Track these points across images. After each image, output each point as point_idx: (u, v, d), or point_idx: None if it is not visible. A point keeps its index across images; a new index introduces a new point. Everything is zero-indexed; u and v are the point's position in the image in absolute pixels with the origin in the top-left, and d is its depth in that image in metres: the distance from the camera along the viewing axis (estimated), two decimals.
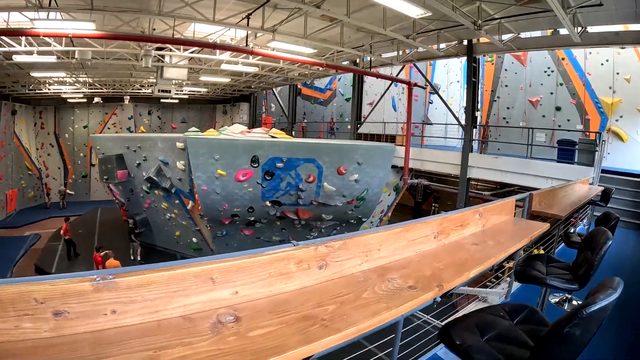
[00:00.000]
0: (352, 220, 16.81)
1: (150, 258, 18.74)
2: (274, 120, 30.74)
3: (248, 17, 13.16)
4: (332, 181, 15.17)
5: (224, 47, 15.26)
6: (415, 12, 10.11)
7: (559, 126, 17.91)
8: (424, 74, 21.03)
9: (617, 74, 16.72)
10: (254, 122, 32.66)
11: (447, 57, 17.82)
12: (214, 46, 14.17)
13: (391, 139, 19.11)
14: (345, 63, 20.39)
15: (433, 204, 24.15)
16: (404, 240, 2.97)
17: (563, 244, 6.25)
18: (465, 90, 18.46)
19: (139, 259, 18.12)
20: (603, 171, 12.60)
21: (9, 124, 26.85)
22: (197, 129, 18.51)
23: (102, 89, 28.18)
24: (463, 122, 16.46)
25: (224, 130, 17.13)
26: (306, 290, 2.28)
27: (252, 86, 29.48)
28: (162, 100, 32.60)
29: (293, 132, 26.63)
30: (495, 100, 20.91)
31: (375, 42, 16.58)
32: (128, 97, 28.21)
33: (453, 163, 16.30)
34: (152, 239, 20.24)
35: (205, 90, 30.88)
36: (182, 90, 30.60)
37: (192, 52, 17.26)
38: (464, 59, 17.38)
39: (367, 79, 22.94)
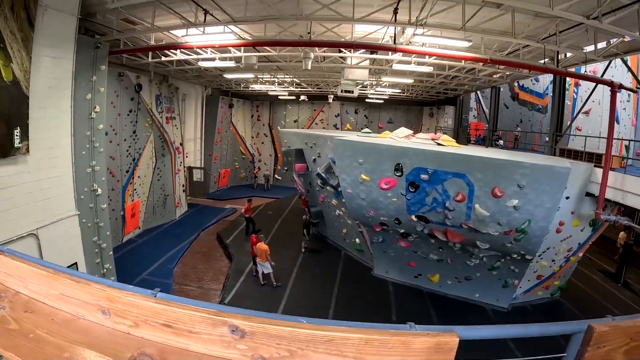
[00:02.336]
0: (516, 255, 13.83)
1: (320, 250, 19.97)
2: (487, 126, 27.64)
3: (396, 11, 11.95)
4: (486, 204, 12.63)
5: (362, 45, 14.23)
6: None
7: None
8: (634, 73, 15.80)
9: None
10: (459, 127, 30.53)
11: None
12: (351, 45, 13.53)
13: (596, 158, 15.06)
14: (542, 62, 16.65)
15: None
16: None
17: None
18: None
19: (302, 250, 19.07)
20: None
21: (226, 115, 33.17)
22: (369, 130, 18.06)
23: (308, 87, 30.37)
24: None
25: (392, 134, 16.16)
26: None
27: (453, 89, 27.49)
28: (367, 100, 33.53)
29: (501, 142, 23.51)
30: None
31: (563, 30, 13.19)
32: (332, 96, 29.18)
33: None
34: (325, 231, 21.03)
35: (398, 91, 30.41)
36: (377, 92, 30.78)
37: (364, 53, 16.97)
38: None
39: (583, 82, 18.60)
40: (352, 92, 20.06)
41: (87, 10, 12.34)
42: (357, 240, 18.01)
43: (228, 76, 22.72)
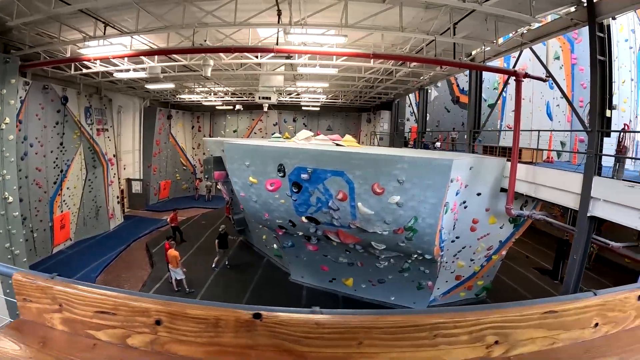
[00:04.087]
0: (416, 256, 13.10)
1: (246, 256, 19.88)
2: (428, 130, 26.85)
3: (279, 13, 11.82)
4: (368, 202, 11.88)
5: (242, 49, 14.49)
6: None
7: None
8: (542, 61, 14.99)
9: None
10: (395, 131, 29.90)
11: (565, 29, 12.40)
12: (231, 50, 13.74)
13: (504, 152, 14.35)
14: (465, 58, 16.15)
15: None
16: None
17: None
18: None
19: (213, 266, 18.17)
20: None
21: (165, 126, 33.01)
22: (279, 135, 17.73)
23: (243, 97, 30.38)
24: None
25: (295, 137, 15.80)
26: None
27: (385, 93, 27.35)
28: (304, 108, 33.58)
29: (438, 144, 22.90)
30: None
31: (459, 21, 12.72)
32: (267, 105, 28.56)
33: (571, 191, 11.31)
34: (251, 238, 20.64)
35: (323, 97, 30.30)
36: (313, 98, 30.57)
37: (273, 58, 16.85)
38: None
39: (511, 79, 18.02)
40: (270, 98, 19.76)
41: None
42: (275, 245, 17.42)
43: (150, 87, 22.36)
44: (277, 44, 13.59)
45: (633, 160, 15.33)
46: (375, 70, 19.01)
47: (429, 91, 25.86)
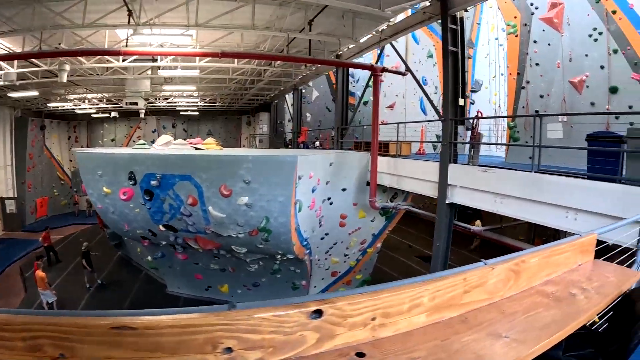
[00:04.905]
0: (280, 256, 12.92)
1: (124, 271, 19.02)
2: (310, 129, 26.64)
3: (130, 14, 11.23)
4: (219, 205, 11.52)
5: (88, 52, 14.25)
6: None
7: (617, 118, 11.42)
8: (401, 56, 15.45)
9: None
10: (274, 133, 29.86)
11: (421, 23, 12.71)
12: (77, 53, 13.29)
13: (384, 147, 14.45)
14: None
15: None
16: None
17: None
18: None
19: (87, 286, 17.08)
20: None
21: (38, 138, 30.04)
22: (144, 142, 16.99)
23: (118, 103, 28.47)
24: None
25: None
26: None
27: (262, 95, 27.64)
28: (182, 113, 32.52)
29: (317, 143, 23.00)
30: (523, 87, 14.46)
31: (315, 19, 12.81)
32: (143, 111, 27.32)
33: (430, 180, 11.54)
34: (128, 252, 19.59)
35: (198, 101, 29.96)
36: (190, 103, 30.19)
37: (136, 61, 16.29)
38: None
39: (386, 78, 18.39)
40: (137, 103, 19.00)
41: None
42: (149, 257, 16.63)
43: (14, 95, 20.87)
44: (126, 45, 13.10)
45: (497, 146, 16.04)
46: (244, 71, 18.79)
47: (312, 91, 25.90)
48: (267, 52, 15.27)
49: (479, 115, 13.19)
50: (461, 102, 11.10)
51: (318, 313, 1.60)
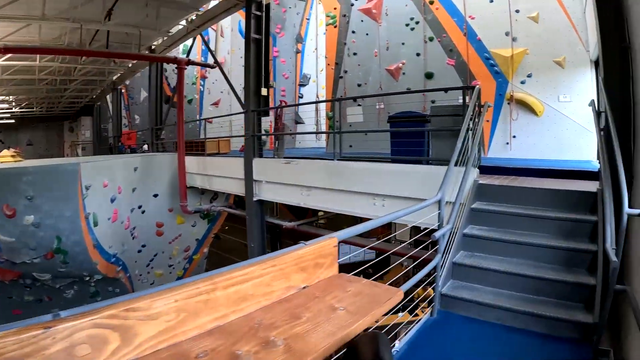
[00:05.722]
0: (87, 278, 11.32)
1: None
2: (139, 133, 23.50)
3: None
4: (6, 228, 9.61)
5: None
6: None
7: (433, 102, 11.32)
8: (211, 50, 14.66)
9: (517, 11, 10.89)
10: (98, 138, 27.17)
11: (227, 11, 11.91)
12: None
13: (200, 146, 13.31)
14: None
15: None
16: None
17: None
18: None
19: None
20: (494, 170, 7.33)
21: None
22: None
23: None
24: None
25: None
26: None
27: (79, 97, 25.24)
28: None
29: (145, 147, 21.07)
30: (341, 77, 14.32)
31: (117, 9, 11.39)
32: None
33: (238, 177, 10.66)
34: None
35: (10, 107, 26.23)
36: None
37: None
38: None
39: (210, 73, 17.45)
40: None
41: None
42: None
43: None
44: None
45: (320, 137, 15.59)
46: (52, 70, 16.77)
47: (140, 91, 23.84)
48: (59, 46, 13.48)
49: (283, 104, 12.66)
50: (264, 92, 10.37)
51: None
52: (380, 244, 8.06)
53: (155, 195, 12.30)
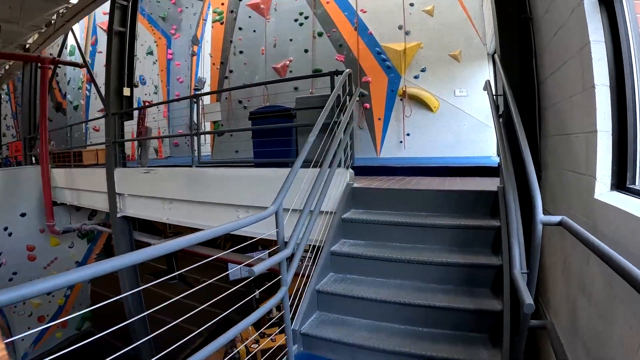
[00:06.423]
0: None
1: None
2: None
3: None
4: None
5: None
6: None
7: (296, 88, 11.05)
8: (80, 49, 13.37)
9: (411, 5, 10.90)
10: None
11: (95, 2, 10.60)
12: None
13: (78, 157, 12.00)
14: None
15: None
16: None
17: None
18: None
19: None
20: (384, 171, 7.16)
21: None
22: None
23: None
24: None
25: None
26: None
27: None
28: None
29: None
30: (226, 77, 13.51)
31: None
32: None
33: (103, 191, 9.27)
34: None
35: None
36: None
37: None
38: None
39: (98, 77, 16.23)
40: None
41: None
42: None
43: None
44: None
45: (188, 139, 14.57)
46: None
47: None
48: None
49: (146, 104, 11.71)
50: (126, 91, 9.24)
51: None
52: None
53: (23, 215, 10.98)
